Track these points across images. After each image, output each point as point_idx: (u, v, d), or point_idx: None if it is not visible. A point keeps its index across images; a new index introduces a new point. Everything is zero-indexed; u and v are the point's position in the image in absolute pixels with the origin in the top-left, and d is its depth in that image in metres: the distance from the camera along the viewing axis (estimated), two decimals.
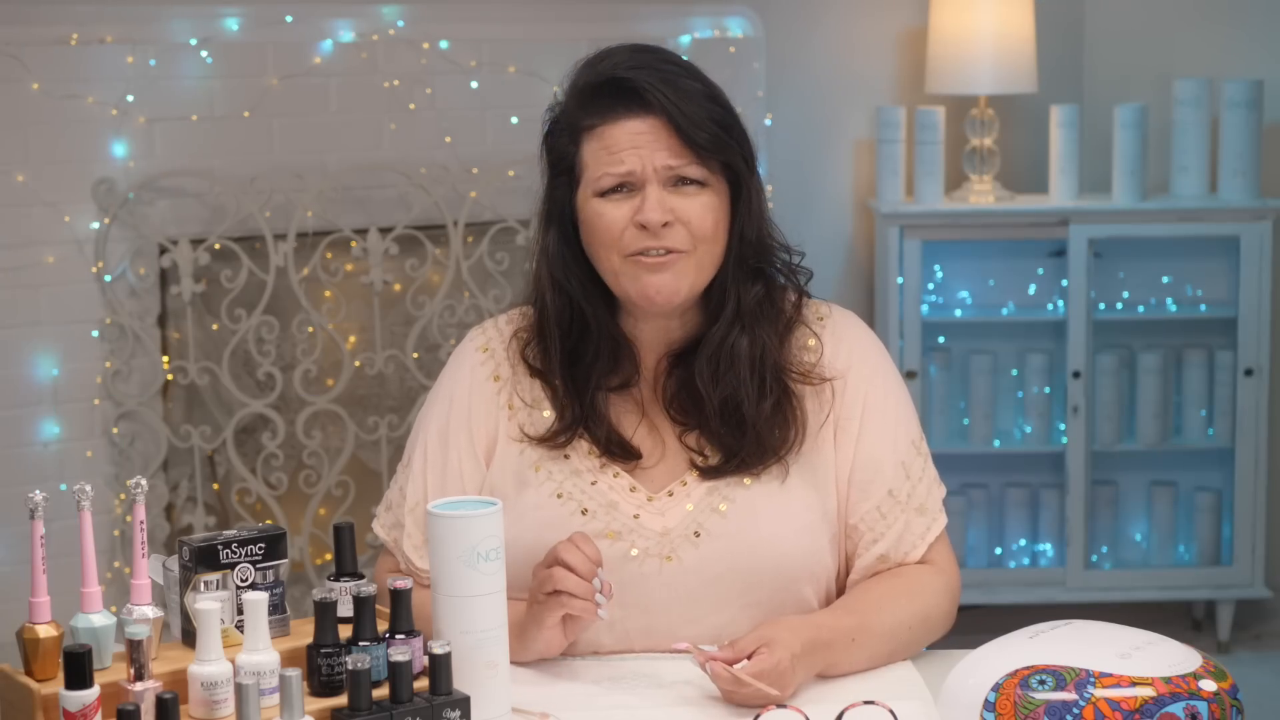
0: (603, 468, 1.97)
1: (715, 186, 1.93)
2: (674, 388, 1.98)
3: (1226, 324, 4.29)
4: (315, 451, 4.01)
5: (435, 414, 2.04)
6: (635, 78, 1.90)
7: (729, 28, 4.28)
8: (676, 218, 1.90)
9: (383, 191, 4.05)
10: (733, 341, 1.95)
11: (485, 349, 2.04)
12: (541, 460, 1.98)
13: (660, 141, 1.89)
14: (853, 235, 4.53)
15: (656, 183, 1.90)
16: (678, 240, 1.90)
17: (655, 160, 1.89)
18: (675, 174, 1.90)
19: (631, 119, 1.90)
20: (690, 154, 1.90)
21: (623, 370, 1.99)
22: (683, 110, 1.89)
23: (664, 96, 1.89)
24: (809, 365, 1.99)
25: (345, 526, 1.75)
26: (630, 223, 1.90)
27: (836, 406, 1.98)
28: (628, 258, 1.91)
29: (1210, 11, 4.48)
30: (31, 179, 3.75)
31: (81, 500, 1.63)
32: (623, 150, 1.90)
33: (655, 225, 1.89)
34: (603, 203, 1.92)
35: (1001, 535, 4.42)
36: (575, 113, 1.94)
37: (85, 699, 1.54)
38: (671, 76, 1.91)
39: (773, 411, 1.95)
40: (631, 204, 1.90)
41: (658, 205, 1.89)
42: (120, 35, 3.80)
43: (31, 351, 3.80)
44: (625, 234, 1.90)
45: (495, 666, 1.67)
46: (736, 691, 1.77)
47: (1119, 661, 1.63)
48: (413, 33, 4.04)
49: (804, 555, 1.95)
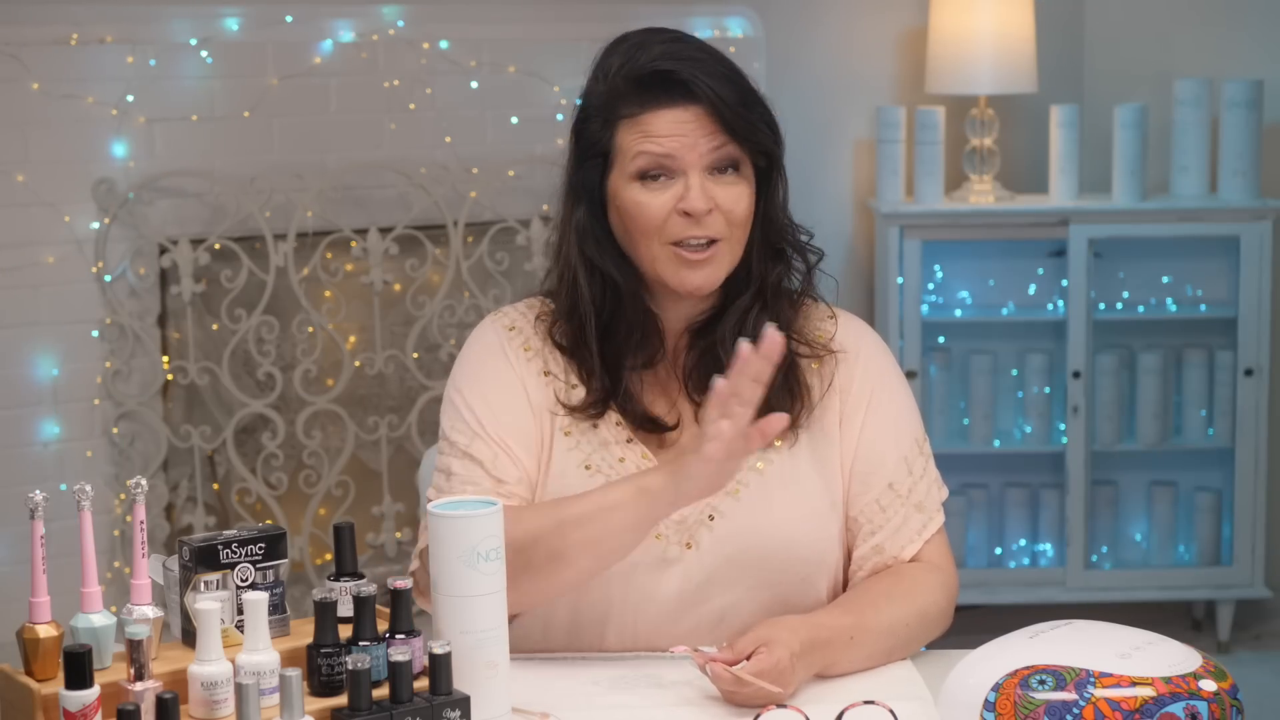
0: (630, 442, 1.99)
1: (746, 173, 1.97)
2: (693, 361, 2.01)
3: (1226, 324, 4.29)
4: (315, 451, 4.00)
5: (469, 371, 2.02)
6: (680, 69, 1.93)
7: (729, 28, 4.27)
8: (716, 205, 1.93)
9: (383, 191, 4.05)
10: (755, 315, 1.98)
11: (511, 328, 2.05)
12: (571, 427, 1.99)
13: (703, 129, 1.92)
14: (853, 235, 4.53)
15: (698, 170, 1.93)
16: (717, 227, 1.94)
17: (699, 147, 1.92)
18: (715, 161, 1.93)
19: (674, 108, 1.93)
20: (731, 141, 1.93)
21: (649, 347, 2.01)
22: (723, 98, 1.92)
23: (708, 87, 1.92)
24: (826, 335, 2.04)
25: (345, 526, 1.75)
26: (672, 210, 1.93)
27: (842, 387, 2.02)
28: (668, 245, 1.94)
29: (1210, 11, 4.48)
30: (31, 179, 3.75)
31: (81, 500, 1.63)
32: (662, 136, 1.92)
33: (700, 212, 1.92)
34: (642, 190, 1.94)
35: (1001, 535, 4.42)
36: (612, 101, 1.95)
37: (85, 699, 1.54)
38: (707, 64, 1.94)
39: (782, 383, 1.97)
40: (672, 192, 1.93)
41: (701, 193, 1.92)
42: (120, 35, 3.80)
43: (31, 351, 3.79)
44: (668, 222, 1.93)
45: (495, 666, 1.67)
46: (737, 692, 1.77)
47: (1119, 661, 1.63)
48: (413, 33, 4.04)
49: (813, 539, 1.98)
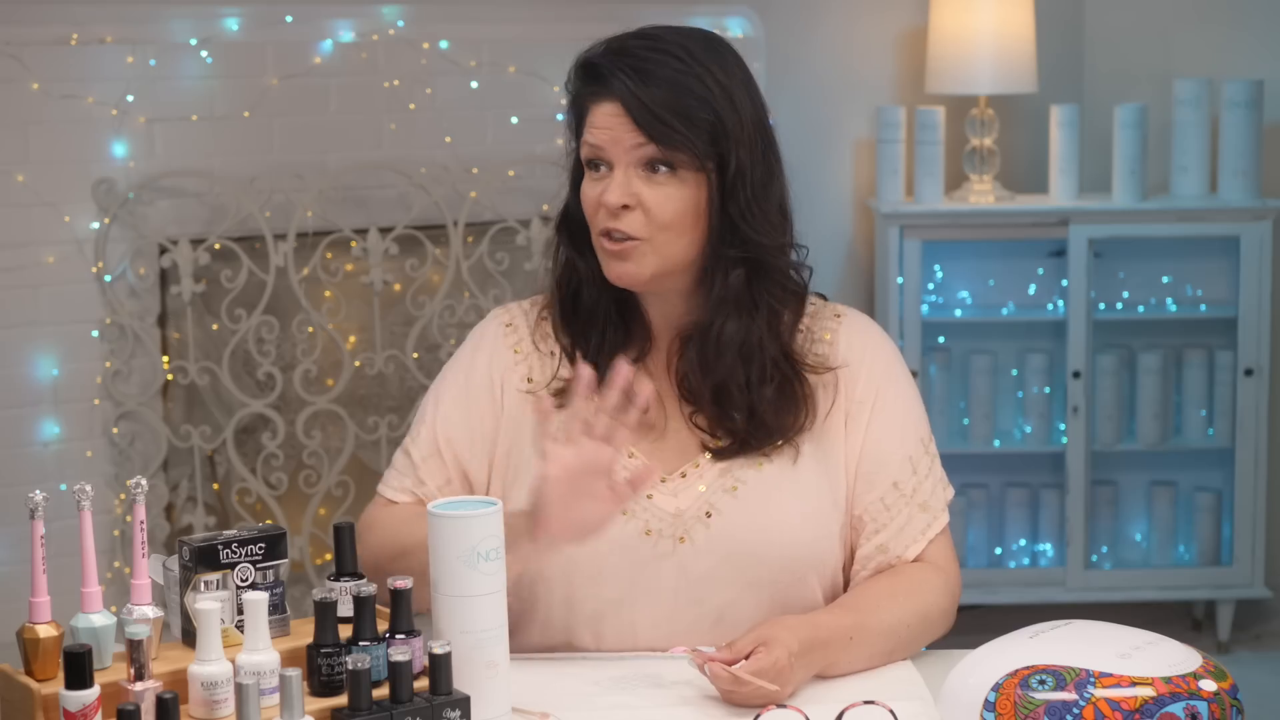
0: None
1: (685, 175, 1.93)
2: (683, 370, 2.01)
3: (1226, 324, 4.29)
4: (315, 451, 4.00)
5: (446, 367, 2.09)
6: (602, 63, 1.93)
7: (729, 28, 4.27)
8: (638, 202, 1.92)
9: (383, 191, 4.05)
10: (719, 329, 1.96)
11: (509, 324, 2.08)
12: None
13: (626, 125, 1.92)
14: (853, 235, 4.53)
15: (624, 165, 1.93)
16: (634, 225, 1.92)
17: (623, 142, 1.92)
18: (641, 158, 1.92)
19: (604, 101, 1.94)
20: (650, 142, 1.92)
21: (636, 342, 2.02)
22: (639, 98, 1.90)
23: (623, 83, 1.91)
24: (821, 358, 2.01)
25: (345, 526, 1.75)
26: (599, 202, 1.94)
27: (847, 395, 2.00)
28: (599, 236, 1.96)
29: (1210, 11, 4.48)
30: (31, 179, 3.75)
31: (81, 500, 1.63)
32: (597, 129, 1.94)
33: (612, 206, 1.92)
34: (586, 179, 1.97)
35: (1001, 535, 4.42)
36: (575, 92, 1.99)
37: (85, 699, 1.54)
38: (643, 62, 1.92)
39: (777, 395, 1.96)
40: (604, 184, 1.94)
41: (618, 188, 1.92)
42: (120, 35, 3.80)
43: (31, 351, 3.79)
44: (597, 213, 1.95)
45: (495, 666, 1.67)
46: (736, 691, 1.77)
47: (1119, 661, 1.63)
48: (413, 33, 4.04)
49: (812, 540, 1.97)
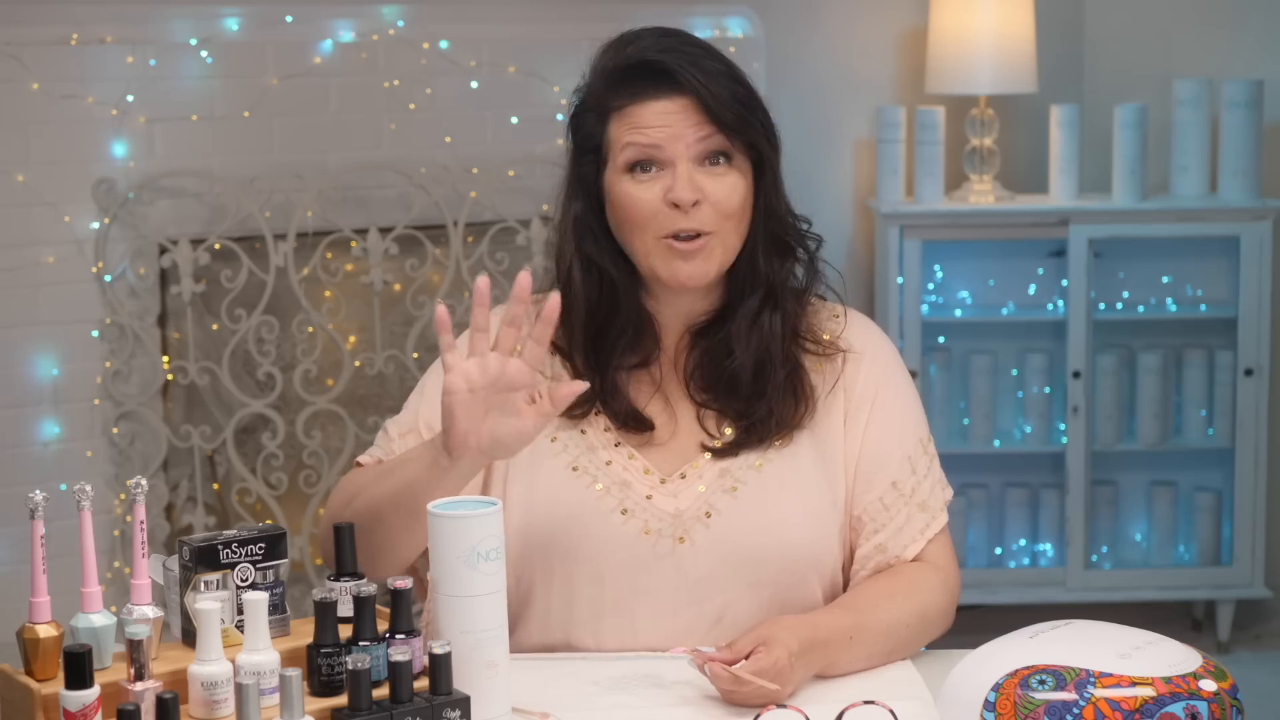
0: (618, 446, 1.99)
1: (740, 165, 1.96)
2: (694, 362, 2.01)
3: (1226, 324, 4.29)
4: (315, 451, 4.00)
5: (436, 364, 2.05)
6: (666, 60, 1.93)
7: (729, 28, 4.27)
8: (704, 196, 1.92)
9: (383, 191, 4.05)
10: (765, 315, 1.98)
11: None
12: (557, 431, 1.99)
13: (689, 120, 1.92)
14: (853, 235, 4.53)
15: (686, 161, 1.93)
16: (706, 220, 1.93)
17: (685, 138, 1.92)
18: (704, 152, 1.93)
19: (661, 99, 1.93)
20: (718, 133, 1.93)
21: (643, 348, 2.01)
22: (711, 90, 1.92)
23: (694, 77, 1.92)
24: (833, 333, 2.03)
25: (345, 526, 1.75)
26: (662, 203, 1.93)
27: (846, 392, 2.01)
28: (660, 240, 1.94)
29: (1210, 11, 4.48)
30: (31, 179, 3.75)
31: (81, 500, 1.63)
32: (651, 128, 1.93)
33: (686, 204, 1.91)
34: (632, 183, 1.94)
35: (1001, 535, 4.42)
36: (603, 94, 1.97)
37: (85, 699, 1.54)
38: (697, 58, 1.94)
39: (785, 382, 1.98)
40: (661, 184, 1.93)
41: (688, 184, 1.92)
42: (120, 35, 3.80)
43: (31, 351, 3.80)
44: (658, 215, 1.93)
45: (495, 666, 1.67)
46: (736, 691, 1.77)
47: (1119, 661, 1.63)
48: (413, 33, 4.04)
49: (811, 539, 1.97)
